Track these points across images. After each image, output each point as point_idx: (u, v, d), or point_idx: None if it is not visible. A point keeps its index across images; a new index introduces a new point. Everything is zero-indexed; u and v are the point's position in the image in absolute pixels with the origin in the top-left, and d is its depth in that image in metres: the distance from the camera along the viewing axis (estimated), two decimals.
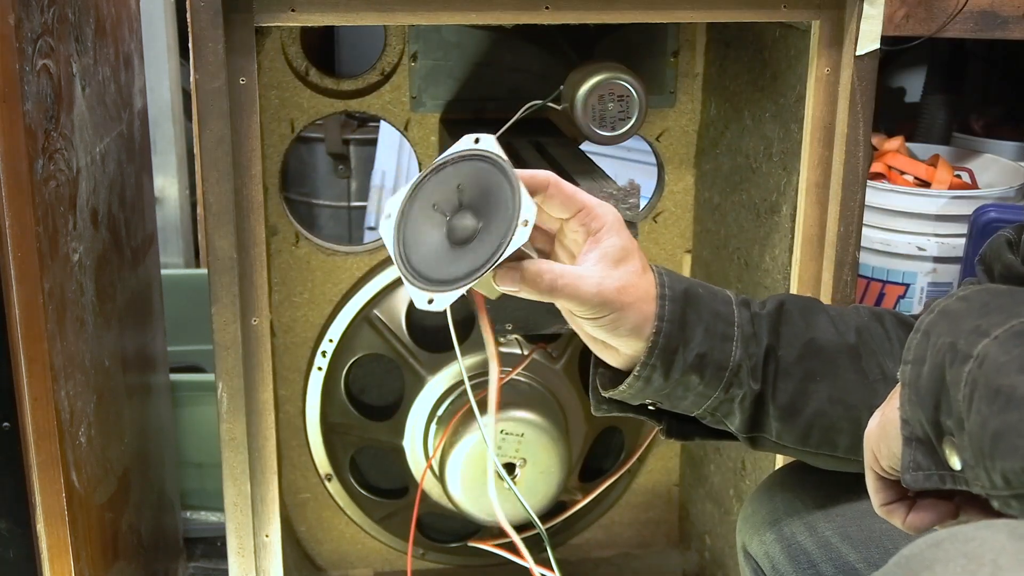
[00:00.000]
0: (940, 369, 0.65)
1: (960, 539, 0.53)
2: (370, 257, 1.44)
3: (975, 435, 0.61)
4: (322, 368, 1.45)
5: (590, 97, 1.05)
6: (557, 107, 1.10)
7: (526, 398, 1.40)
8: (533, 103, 1.12)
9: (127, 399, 1.35)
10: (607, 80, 1.04)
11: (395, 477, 1.53)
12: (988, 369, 0.61)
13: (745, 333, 0.84)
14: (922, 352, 0.67)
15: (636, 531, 1.64)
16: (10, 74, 0.95)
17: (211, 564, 1.74)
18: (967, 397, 0.62)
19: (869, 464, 0.73)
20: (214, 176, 1.05)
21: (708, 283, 0.87)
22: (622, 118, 1.06)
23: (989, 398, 0.60)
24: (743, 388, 0.83)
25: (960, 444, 0.63)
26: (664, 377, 0.82)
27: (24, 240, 0.99)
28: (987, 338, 0.62)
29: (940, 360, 0.65)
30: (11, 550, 1.08)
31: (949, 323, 0.67)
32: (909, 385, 0.68)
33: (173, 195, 2.43)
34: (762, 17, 1.11)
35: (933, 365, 0.66)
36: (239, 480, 1.13)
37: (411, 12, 1.04)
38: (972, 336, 0.63)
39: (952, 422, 0.63)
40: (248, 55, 1.04)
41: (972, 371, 0.62)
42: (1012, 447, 0.57)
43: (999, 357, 0.61)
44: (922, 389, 0.66)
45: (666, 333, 0.81)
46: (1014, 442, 0.57)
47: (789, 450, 0.88)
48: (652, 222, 1.50)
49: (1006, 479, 0.59)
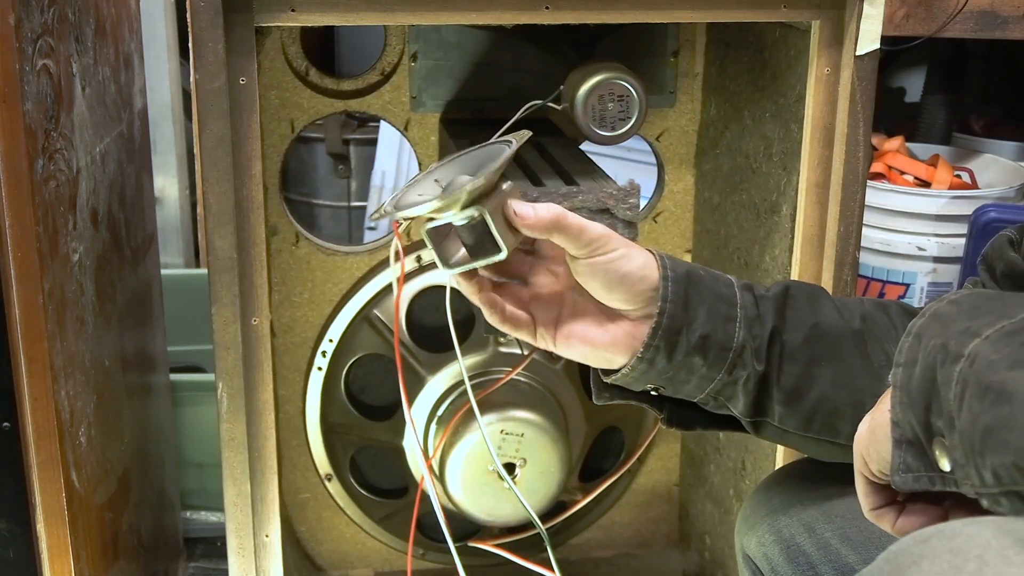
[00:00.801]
0: (931, 370, 0.65)
1: (947, 535, 0.53)
2: (370, 257, 1.44)
3: (965, 433, 0.61)
4: (322, 368, 1.45)
5: (590, 97, 1.05)
6: (557, 107, 1.10)
7: (526, 398, 1.40)
8: (533, 103, 1.12)
9: (127, 399, 1.35)
10: (607, 80, 1.05)
11: (395, 477, 1.53)
12: (979, 367, 0.61)
13: (748, 315, 0.84)
14: (913, 354, 0.67)
15: (636, 531, 1.64)
16: (10, 74, 0.95)
17: (211, 564, 1.74)
18: (958, 396, 0.62)
19: (859, 469, 0.73)
20: (214, 176, 1.05)
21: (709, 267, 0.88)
22: (622, 118, 1.06)
23: (980, 395, 0.60)
24: (747, 369, 0.83)
25: (950, 444, 0.63)
26: (667, 359, 0.83)
27: (24, 240, 0.99)
28: (978, 338, 0.63)
29: (931, 361, 0.65)
30: (11, 550, 1.08)
31: (940, 326, 0.67)
32: (900, 387, 0.68)
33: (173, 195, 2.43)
34: (762, 17, 1.11)
35: (924, 367, 0.66)
36: (239, 480, 1.14)
37: (411, 12, 1.04)
38: (963, 337, 0.64)
39: (943, 422, 0.64)
40: (248, 55, 1.04)
41: (963, 370, 0.62)
42: (1002, 442, 0.58)
43: (990, 355, 0.61)
44: (913, 391, 0.66)
45: (670, 314, 0.81)
46: (1004, 437, 0.57)
47: (791, 436, 0.88)
48: (652, 222, 1.50)
49: (996, 475, 0.59)
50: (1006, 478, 0.58)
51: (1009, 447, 0.57)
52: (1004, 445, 0.57)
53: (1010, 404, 0.58)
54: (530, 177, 1.09)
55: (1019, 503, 0.58)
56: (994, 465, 0.58)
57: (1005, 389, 0.58)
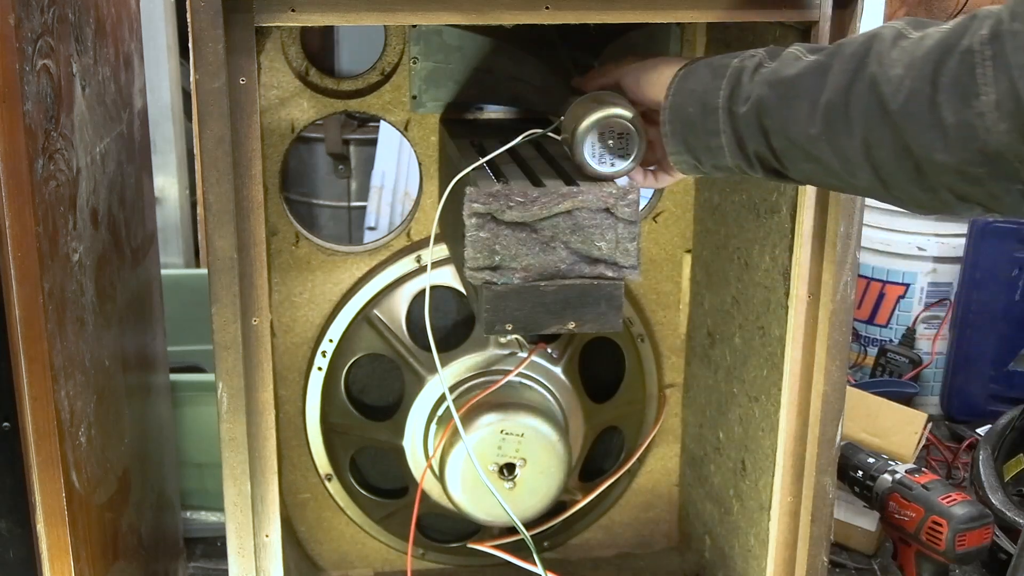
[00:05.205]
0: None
1: None
2: (370, 257, 1.44)
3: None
4: (322, 368, 1.45)
5: (589, 134, 1.06)
6: (556, 137, 1.11)
7: (526, 398, 1.40)
8: (533, 132, 1.13)
9: (127, 399, 1.35)
10: (607, 118, 1.06)
11: (395, 477, 1.53)
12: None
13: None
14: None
15: (636, 531, 1.64)
16: (10, 74, 0.95)
17: (211, 564, 1.74)
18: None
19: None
20: (214, 176, 1.05)
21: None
22: (621, 155, 1.07)
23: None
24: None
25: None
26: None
27: (24, 240, 0.99)
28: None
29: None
30: (11, 550, 1.08)
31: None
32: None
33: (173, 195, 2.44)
34: (762, 17, 1.11)
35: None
36: (239, 480, 1.13)
37: (411, 12, 1.04)
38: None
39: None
40: (248, 55, 1.04)
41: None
42: None
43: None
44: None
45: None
46: None
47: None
48: (652, 222, 1.50)
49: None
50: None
51: None
52: None
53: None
54: (530, 177, 1.09)
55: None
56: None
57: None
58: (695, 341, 1.53)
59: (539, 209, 1.03)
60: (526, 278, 1.05)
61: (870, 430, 1.82)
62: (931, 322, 2.29)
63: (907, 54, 0.81)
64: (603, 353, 1.52)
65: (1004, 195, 0.79)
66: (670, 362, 1.57)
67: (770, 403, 1.27)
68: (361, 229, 2.75)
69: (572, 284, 1.06)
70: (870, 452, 1.65)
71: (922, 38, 0.81)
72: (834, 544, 1.72)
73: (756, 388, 1.32)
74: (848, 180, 0.88)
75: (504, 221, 1.03)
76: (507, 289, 1.05)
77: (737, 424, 1.39)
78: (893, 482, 1.57)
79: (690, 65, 1.02)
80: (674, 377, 1.58)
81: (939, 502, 1.51)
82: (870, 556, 1.79)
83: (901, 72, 0.80)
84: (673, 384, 1.58)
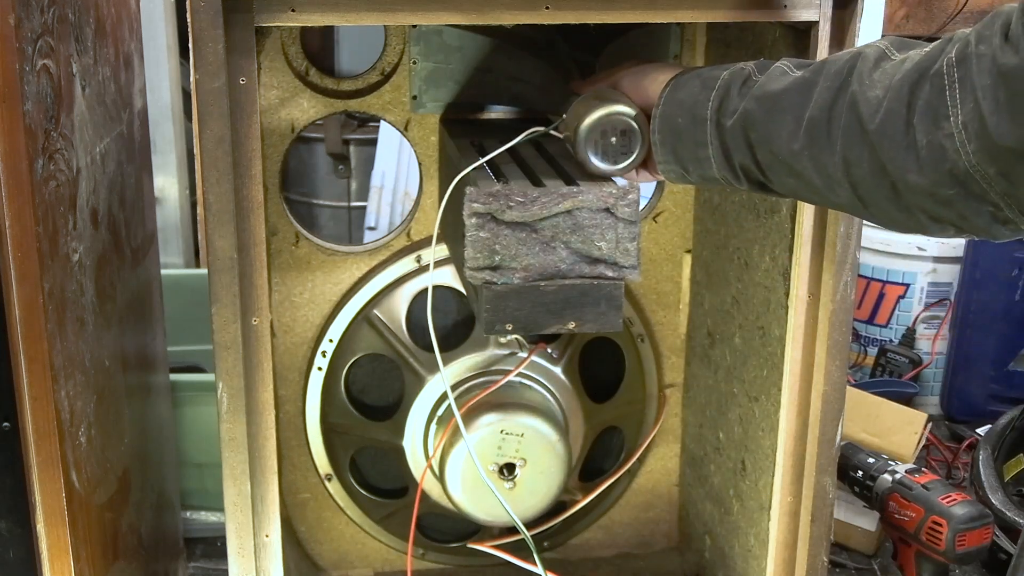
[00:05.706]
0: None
1: None
2: (370, 257, 1.44)
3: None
4: (322, 368, 1.45)
5: (592, 132, 1.06)
6: (559, 135, 1.11)
7: (526, 398, 1.40)
8: (535, 129, 1.13)
9: (127, 399, 1.35)
10: (609, 116, 1.06)
11: (395, 477, 1.53)
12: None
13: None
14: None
15: (636, 531, 1.64)
16: (10, 74, 0.95)
17: (211, 564, 1.74)
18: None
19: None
20: (214, 176, 1.05)
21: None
22: (624, 152, 1.07)
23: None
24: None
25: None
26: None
27: (24, 240, 0.99)
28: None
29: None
30: (11, 550, 1.08)
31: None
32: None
33: (173, 195, 2.44)
34: (762, 17, 1.11)
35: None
36: (239, 480, 1.14)
37: (412, 12, 1.04)
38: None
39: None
40: (248, 55, 1.04)
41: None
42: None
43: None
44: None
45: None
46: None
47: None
48: (652, 222, 1.50)
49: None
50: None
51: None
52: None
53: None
54: (530, 177, 1.09)
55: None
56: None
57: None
58: (695, 341, 1.53)
59: (539, 209, 1.03)
60: (526, 278, 1.05)
61: (870, 430, 1.82)
62: (931, 322, 2.29)
63: (887, 76, 0.82)
64: (603, 353, 1.52)
65: (974, 216, 0.80)
66: (670, 362, 1.57)
67: (770, 403, 1.27)
68: (361, 229, 2.75)
69: (572, 284, 1.06)
70: (870, 452, 1.65)
71: (903, 60, 0.83)
72: (834, 544, 1.72)
73: (756, 388, 1.32)
74: (829, 196, 0.89)
75: (504, 221, 1.03)
76: (507, 289, 1.05)
77: (737, 424, 1.39)
78: (893, 482, 1.57)
79: (681, 76, 1.03)
80: (674, 377, 1.58)
81: (939, 502, 1.51)
82: (870, 556, 1.79)
83: (880, 94, 0.82)
84: (673, 384, 1.58)
